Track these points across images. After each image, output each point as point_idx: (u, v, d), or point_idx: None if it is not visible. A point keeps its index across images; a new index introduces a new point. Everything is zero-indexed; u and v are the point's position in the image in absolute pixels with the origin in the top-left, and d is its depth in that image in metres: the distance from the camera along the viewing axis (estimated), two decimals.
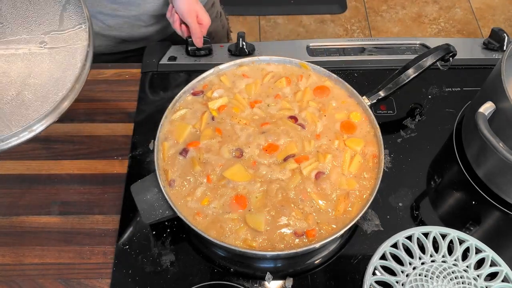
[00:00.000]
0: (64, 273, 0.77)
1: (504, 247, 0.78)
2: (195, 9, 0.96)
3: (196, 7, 0.97)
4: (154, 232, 0.79)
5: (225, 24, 1.32)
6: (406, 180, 0.85)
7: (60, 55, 0.67)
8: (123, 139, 0.91)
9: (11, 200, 0.84)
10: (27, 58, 0.68)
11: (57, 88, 0.65)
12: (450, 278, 0.70)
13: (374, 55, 1.03)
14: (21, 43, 0.68)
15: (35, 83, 0.66)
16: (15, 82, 0.66)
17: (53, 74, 0.66)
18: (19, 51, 0.68)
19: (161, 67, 1.00)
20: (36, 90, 0.65)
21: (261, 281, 0.75)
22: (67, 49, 0.68)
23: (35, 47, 0.68)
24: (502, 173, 0.80)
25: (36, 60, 0.67)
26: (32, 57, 0.68)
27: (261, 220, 0.71)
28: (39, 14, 0.70)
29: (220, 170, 0.76)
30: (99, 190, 0.85)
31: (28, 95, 0.65)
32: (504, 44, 1.01)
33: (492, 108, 0.74)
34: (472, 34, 2.40)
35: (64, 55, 0.67)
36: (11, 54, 0.68)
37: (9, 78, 0.66)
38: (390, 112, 0.94)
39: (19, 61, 0.67)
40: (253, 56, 0.98)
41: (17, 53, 0.68)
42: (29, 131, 0.61)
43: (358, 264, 0.77)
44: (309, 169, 0.76)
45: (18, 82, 0.66)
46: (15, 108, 0.64)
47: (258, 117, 0.83)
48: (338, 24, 2.44)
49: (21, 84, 0.65)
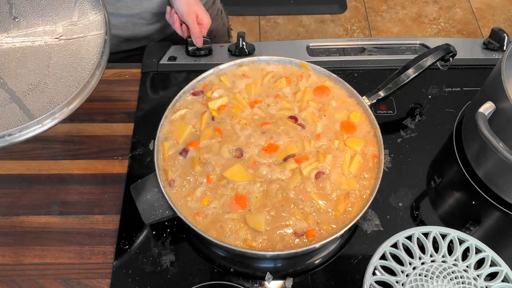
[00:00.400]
0: (64, 273, 0.77)
1: (504, 247, 0.78)
2: (195, 10, 0.97)
3: (196, 8, 0.97)
4: (154, 232, 0.79)
5: (225, 22, 1.32)
6: (406, 180, 0.85)
7: (76, 45, 0.68)
8: (123, 139, 0.91)
9: (11, 200, 0.84)
10: (43, 50, 0.68)
11: (77, 76, 0.65)
12: (450, 278, 0.70)
13: (374, 55, 1.03)
14: (37, 36, 0.69)
15: (54, 73, 0.66)
16: (34, 73, 0.66)
17: (71, 63, 0.67)
18: (36, 43, 0.68)
19: (161, 67, 1.00)
20: (56, 79, 0.66)
21: (261, 281, 0.75)
22: (83, 39, 0.68)
23: (51, 39, 0.69)
24: (502, 173, 0.80)
25: (53, 51, 0.68)
26: (49, 48, 0.68)
27: (261, 220, 0.71)
28: (54, 6, 0.71)
29: (220, 170, 0.76)
30: (99, 190, 0.85)
31: (49, 84, 0.65)
32: (504, 44, 1.01)
33: (492, 108, 0.74)
34: (472, 34, 2.40)
35: (79, 45, 0.68)
36: (28, 46, 0.68)
37: (26, 70, 0.67)
38: (390, 112, 0.94)
39: (36, 53, 0.68)
40: (253, 56, 0.98)
41: (33, 45, 0.68)
42: (52, 118, 0.61)
43: (358, 264, 0.77)
44: (309, 169, 0.76)
45: (36, 72, 0.66)
46: (35, 97, 0.64)
47: (258, 117, 0.83)
48: (338, 24, 2.44)
49: (40, 74, 0.66)
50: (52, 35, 0.69)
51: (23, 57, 0.68)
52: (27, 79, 0.66)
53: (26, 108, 0.63)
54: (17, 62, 0.67)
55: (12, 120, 0.62)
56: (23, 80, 0.66)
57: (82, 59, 0.67)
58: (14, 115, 0.62)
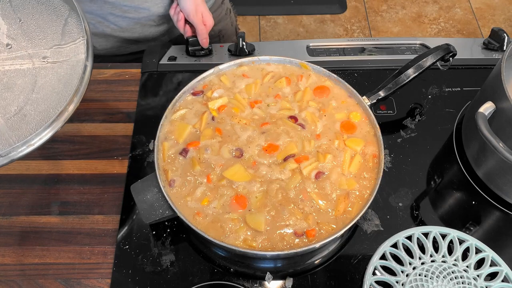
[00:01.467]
0: (64, 273, 0.77)
1: (504, 247, 0.78)
2: (201, 10, 0.97)
3: (202, 8, 0.97)
4: (154, 232, 0.79)
5: (233, 22, 1.32)
6: (406, 180, 0.85)
7: (62, 69, 0.68)
8: (123, 139, 0.91)
9: (11, 200, 0.84)
10: (30, 73, 0.69)
11: (58, 102, 0.65)
12: (450, 278, 0.70)
13: (374, 55, 1.03)
14: (25, 58, 0.69)
15: (37, 97, 0.67)
16: (18, 97, 0.67)
17: (54, 88, 0.67)
18: (24, 66, 0.69)
19: (161, 67, 1.00)
20: (38, 104, 0.66)
21: (261, 281, 0.75)
22: (68, 62, 0.69)
23: (39, 61, 0.69)
24: (502, 173, 0.80)
25: (39, 75, 0.68)
26: (35, 72, 0.69)
27: (261, 220, 0.71)
28: (42, 29, 0.71)
29: (220, 170, 0.76)
30: (99, 190, 0.85)
31: (30, 110, 0.66)
32: (504, 44, 1.01)
33: (492, 108, 0.74)
34: (472, 34, 2.40)
35: (65, 69, 0.68)
36: (16, 69, 0.69)
37: (12, 94, 0.67)
38: (390, 112, 0.94)
39: (23, 77, 0.68)
40: (253, 56, 0.98)
41: (21, 68, 0.69)
42: (27, 145, 0.61)
43: (358, 264, 0.77)
44: (309, 169, 0.76)
45: (21, 97, 0.67)
46: (16, 123, 0.65)
47: (258, 117, 0.83)
48: (338, 24, 2.44)
49: (24, 99, 0.66)
50: (39, 58, 0.69)
51: (10, 80, 0.68)
52: (11, 103, 0.66)
53: (8, 133, 0.64)
54: (4, 86, 0.68)
55: None
56: (8, 105, 0.66)
57: (65, 83, 0.67)
58: None
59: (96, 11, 1.04)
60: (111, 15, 1.05)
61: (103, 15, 1.04)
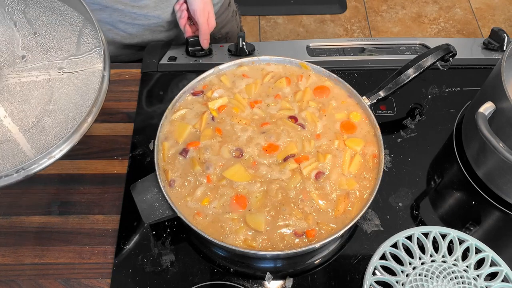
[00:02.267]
0: (64, 273, 0.77)
1: (504, 247, 0.78)
2: (208, 9, 0.96)
3: (209, 7, 0.97)
4: (154, 232, 0.79)
5: (239, 24, 1.32)
6: (406, 180, 0.85)
7: (78, 79, 0.68)
8: (123, 139, 0.91)
9: (11, 200, 0.84)
10: (47, 84, 0.68)
11: (76, 113, 0.65)
12: (450, 278, 0.70)
13: (374, 55, 1.03)
14: (41, 70, 0.69)
15: (55, 108, 0.66)
16: (36, 109, 0.67)
17: (72, 98, 0.67)
18: (39, 77, 0.69)
19: (161, 67, 1.00)
20: (56, 116, 0.66)
21: (261, 281, 0.75)
22: (85, 73, 0.68)
23: (54, 72, 0.69)
24: (502, 173, 0.80)
25: (56, 86, 0.68)
26: (51, 83, 0.68)
27: (261, 220, 0.71)
28: (57, 40, 0.71)
29: (220, 170, 0.76)
30: (99, 190, 0.85)
31: (48, 121, 0.65)
32: (504, 44, 1.01)
33: (492, 108, 0.74)
34: (472, 34, 2.40)
35: (82, 79, 0.68)
36: (32, 81, 0.69)
37: (30, 105, 0.67)
38: (390, 112, 0.94)
39: (40, 88, 0.68)
40: (253, 56, 0.98)
41: (37, 79, 0.69)
42: (48, 157, 0.61)
43: (358, 264, 0.77)
44: (309, 169, 0.76)
45: (38, 108, 0.67)
46: (35, 135, 0.64)
47: (258, 117, 0.83)
48: (338, 24, 2.44)
49: (42, 110, 0.66)
50: (55, 69, 0.69)
51: (27, 92, 0.68)
52: (29, 115, 0.66)
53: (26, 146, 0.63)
54: (21, 98, 0.68)
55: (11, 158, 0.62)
56: (26, 117, 0.66)
57: (82, 94, 0.67)
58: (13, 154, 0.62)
59: (106, 19, 1.03)
60: (121, 23, 1.05)
61: (112, 23, 1.04)
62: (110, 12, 1.02)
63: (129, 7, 1.01)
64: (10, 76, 0.69)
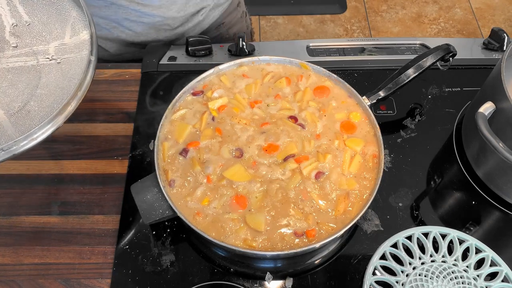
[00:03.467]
0: (64, 273, 0.77)
1: (504, 247, 0.78)
2: None
3: None
4: (154, 232, 0.79)
5: (249, 25, 1.31)
6: (406, 180, 0.85)
7: (66, 65, 0.68)
8: (123, 139, 0.91)
9: (11, 200, 0.84)
10: (35, 70, 0.68)
11: (62, 97, 0.65)
12: (450, 278, 0.70)
13: (374, 55, 1.03)
14: (29, 55, 0.69)
15: (42, 93, 0.66)
16: (23, 94, 0.67)
17: (59, 84, 0.67)
18: (28, 63, 0.69)
19: (161, 67, 1.00)
20: (42, 100, 0.66)
21: (261, 281, 0.75)
22: (73, 58, 0.68)
23: (43, 58, 0.69)
24: (502, 173, 0.80)
25: (44, 71, 0.68)
26: (39, 68, 0.68)
27: (261, 220, 0.71)
28: (47, 25, 0.71)
29: (220, 170, 0.76)
30: (99, 190, 0.85)
31: (34, 106, 0.66)
32: (504, 44, 1.01)
33: (492, 108, 0.74)
34: (472, 34, 2.41)
35: (70, 65, 0.68)
36: (20, 66, 0.69)
37: (16, 90, 0.67)
38: (390, 112, 0.94)
39: (27, 73, 0.68)
40: (253, 56, 0.98)
41: (25, 65, 0.69)
42: (30, 139, 0.61)
43: (358, 264, 0.77)
44: (309, 169, 0.76)
45: (25, 93, 0.67)
46: (20, 119, 0.64)
47: (258, 117, 0.83)
48: (338, 24, 2.44)
49: (28, 95, 0.66)
50: (44, 55, 0.69)
51: (15, 77, 0.68)
52: (15, 100, 0.67)
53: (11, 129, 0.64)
54: (9, 83, 0.68)
55: None
56: (12, 101, 0.66)
57: (70, 79, 0.67)
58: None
59: (111, 16, 1.03)
60: (126, 20, 1.05)
61: (117, 20, 1.04)
62: (115, 9, 1.02)
63: (133, 4, 1.01)
64: None
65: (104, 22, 1.05)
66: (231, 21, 1.19)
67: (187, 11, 1.08)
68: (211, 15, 1.14)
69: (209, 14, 1.13)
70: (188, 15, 1.09)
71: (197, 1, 1.07)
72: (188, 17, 1.09)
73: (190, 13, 1.09)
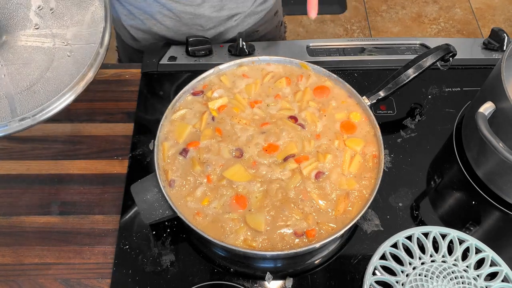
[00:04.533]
0: (64, 273, 0.77)
1: (504, 247, 0.78)
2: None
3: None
4: (154, 232, 0.79)
5: (282, 35, 1.29)
6: (406, 180, 0.85)
7: (79, 52, 0.69)
8: (123, 139, 0.91)
9: (11, 200, 0.84)
10: (50, 52, 0.69)
11: (67, 85, 0.66)
12: (450, 278, 0.70)
13: (374, 55, 1.03)
14: (48, 37, 0.70)
15: (49, 77, 0.68)
16: (33, 74, 0.68)
17: (68, 70, 0.68)
18: (45, 44, 0.69)
19: (161, 67, 1.00)
20: (49, 83, 0.67)
21: (261, 281, 0.75)
22: (86, 47, 0.69)
23: (59, 42, 0.69)
24: (502, 173, 0.80)
25: (57, 55, 0.69)
26: (54, 51, 0.69)
27: (261, 220, 0.71)
28: (69, 10, 0.71)
29: (220, 170, 0.76)
30: (99, 190, 0.85)
31: (40, 88, 0.67)
32: (504, 44, 1.00)
33: (492, 108, 0.74)
34: (472, 34, 2.41)
35: (82, 53, 0.69)
36: (37, 47, 0.69)
37: (28, 69, 0.68)
38: (390, 112, 0.94)
39: (42, 54, 0.69)
40: (253, 56, 0.98)
41: (42, 46, 0.69)
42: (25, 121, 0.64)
43: (358, 264, 0.77)
44: (309, 169, 0.76)
45: (35, 74, 0.68)
46: (25, 97, 0.66)
47: (258, 117, 0.83)
48: (338, 24, 2.44)
49: (38, 76, 0.67)
50: (60, 39, 0.70)
51: (29, 56, 0.69)
52: (25, 78, 0.68)
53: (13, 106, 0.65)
54: (23, 61, 0.69)
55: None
56: (22, 79, 0.68)
57: (78, 67, 0.68)
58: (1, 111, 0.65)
59: (145, 8, 1.03)
60: (159, 14, 1.04)
61: (151, 13, 1.04)
62: (150, 2, 1.02)
63: (171, 2, 1.01)
64: (19, 39, 0.70)
65: (139, 12, 1.05)
66: (265, 30, 1.18)
67: (221, 14, 1.06)
68: (246, 22, 1.13)
69: (244, 21, 1.12)
70: (222, 18, 1.07)
71: (233, 5, 1.06)
72: (221, 21, 1.08)
73: (224, 17, 1.07)
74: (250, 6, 1.09)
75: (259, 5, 1.11)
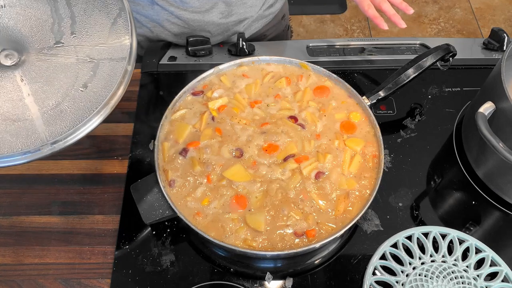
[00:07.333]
0: (64, 273, 0.77)
1: (504, 247, 0.78)
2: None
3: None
4: (154, 232, 0.79)
5: (289, 39, 1.29)
6: (406, 180, 0.85)
7: (103, 69, 0.67)
8: (123, 139, 0.91)
9: (11, 200, 0.84)
10: (73, 69, 0.67)
11: (94, 103, 0.64)
12: (450, 278, 0.70)
13: (374, 55, 1.03)
14: (71, 53, 0.68)
15: (75, 95, 0.66)
16: (58, 92, 0.66)
17: (94, 87, 0.66)
18: (68, 60, 0.68)
19: (161, 67, 1.00)
20: (76, 102, 0.65)
21: (261, 281, 0.75)
22: (111, 63, 0.67)
23: (83, 58, 0.68)
24: (502, 173, 0.80)
25: (81, 71, 0.67)
26: (78, 68, 0.68)
27: (261, 220, 0.71)
28: (92, 25, 0.70)
29: (220, 170, 0.76)
30: (99, 190, 0.85)
31: (67, 106, 0.65)
32: (504, 44, 1.01)
33: (492, 108, 0.74)
34: (472, 34, 2.41)
35: (106, 69, 0.67)
36: (60, 63, 0.68)
37: (53, 87, 0.66)
38: (390, 112, 0.94)
39: (66, 71, 0.67)
40: (253, 56, 0.98)
41: (65, 62, 0.68)
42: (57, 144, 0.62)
43: (358, 264, 0.77)
44: (309, 169, 0.76)
45: (61, 91, 0.66)
46: (52, 118, 0.64)
47: (258, 117, 0.83)
48: (338, 24, 2.44)
49: (63, 94, 0.65)
50: (83, 55, 0.69)
51: (53, 73, 0.68)
52: (50, 97, 0.66)
53: (42, 127, 0.63)
54: (46, 78, 0.67)
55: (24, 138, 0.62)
56: (47, 98, 0.66)
57: (104, 84, 0.66)
58: (27, 134, 0.62)
59: (153, 16, 1.03)
60: (167, 22, 1.04)
61: (159, 21, 1.04)
62: (158, 10, 1.01)
63: (173, 7, 1.00)
64: (41, 55, 0.68)
65: (146, 20, 1.05)
66: (273, 33, 1.18)
67: (229, 20, 1.06)
68: (253, 26, 1.13)
69: (251, 25, 1.12)
70: (230, 23, 1.07)
71: (241, 11, 1.05)
72: (229, 26, 1.08)
73: (232, 22, 1.07)
74: (258, 10, 1.09)
75: (267, 8, 1.11)
